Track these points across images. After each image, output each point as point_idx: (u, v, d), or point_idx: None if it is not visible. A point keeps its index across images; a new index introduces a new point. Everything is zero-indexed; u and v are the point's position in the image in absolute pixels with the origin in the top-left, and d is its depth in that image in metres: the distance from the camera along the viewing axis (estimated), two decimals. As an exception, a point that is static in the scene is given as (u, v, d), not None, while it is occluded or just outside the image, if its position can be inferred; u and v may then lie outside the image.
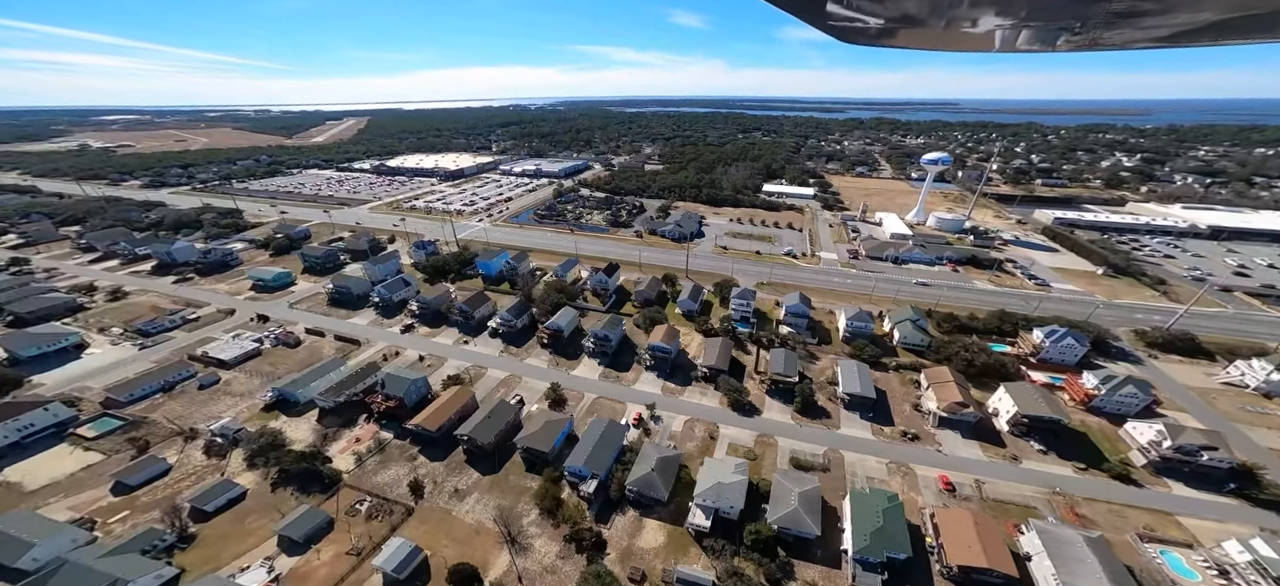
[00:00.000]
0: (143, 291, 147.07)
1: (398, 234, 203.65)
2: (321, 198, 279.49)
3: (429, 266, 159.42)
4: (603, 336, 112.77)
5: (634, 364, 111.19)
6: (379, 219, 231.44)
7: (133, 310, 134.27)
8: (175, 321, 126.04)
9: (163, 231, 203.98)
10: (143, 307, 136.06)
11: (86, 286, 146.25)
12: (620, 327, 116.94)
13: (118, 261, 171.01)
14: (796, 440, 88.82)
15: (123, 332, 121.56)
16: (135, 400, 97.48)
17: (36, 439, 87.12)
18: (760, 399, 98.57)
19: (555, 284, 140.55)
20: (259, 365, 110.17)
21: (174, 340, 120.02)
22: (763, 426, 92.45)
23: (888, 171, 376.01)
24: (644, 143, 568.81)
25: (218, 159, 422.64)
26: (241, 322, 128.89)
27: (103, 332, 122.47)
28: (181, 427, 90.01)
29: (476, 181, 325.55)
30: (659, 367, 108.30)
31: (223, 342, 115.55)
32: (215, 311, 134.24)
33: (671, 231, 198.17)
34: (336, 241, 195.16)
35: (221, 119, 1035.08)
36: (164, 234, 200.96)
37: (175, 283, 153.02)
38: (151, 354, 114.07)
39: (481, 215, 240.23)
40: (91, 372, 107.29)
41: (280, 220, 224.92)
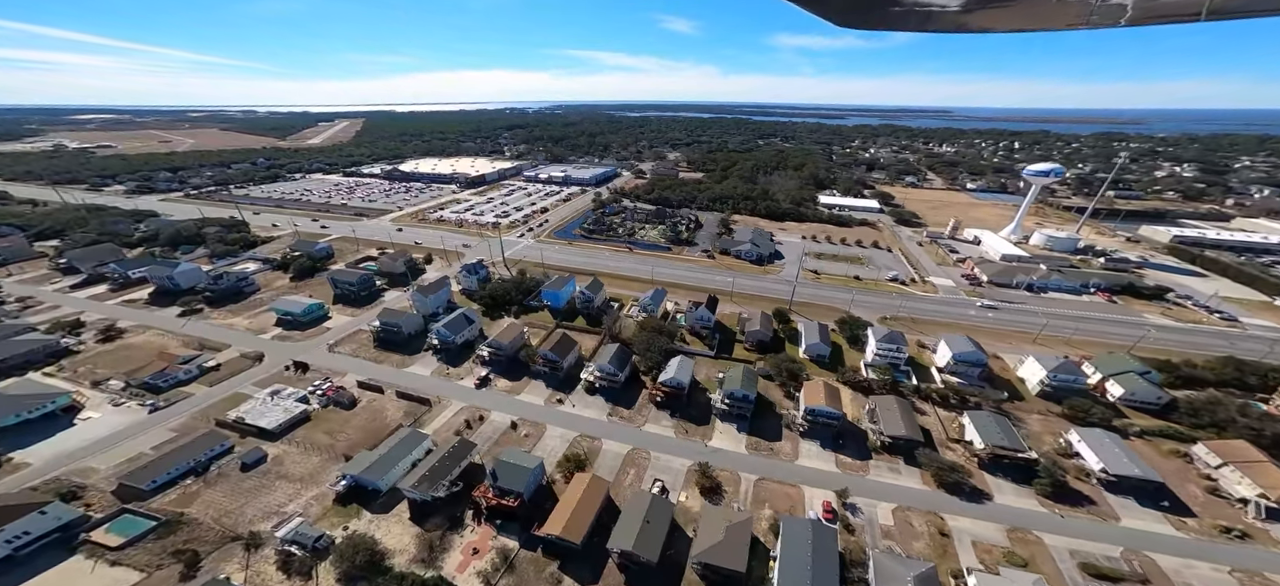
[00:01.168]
0: (142, 328, 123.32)
1: (436, 252, 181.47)
2: (334, 207, 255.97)
3: (487, 296, 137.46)
4: (740, 395, 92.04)
5: (782, 429, 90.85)
6: (407, 232, 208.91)
7: (133, 356, 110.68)
8: (191, 372, 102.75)
9: (158, 248, 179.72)
10: (146, 352, 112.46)
11: (71, 322, 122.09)
12: (754, 382, 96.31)
13: (107, 287, 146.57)
14: (1064, 536, 69.21)
15: (125, 389, 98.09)
16: (160, 487, 74.43)
17: (35, 548, 64.62)
18: (975, 476, 78.70)
19: (649, 322, 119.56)
20: (311, 434, 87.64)
21: (192, 398, 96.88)
22: (1001, 515, 72.55)
23: (936, 181, 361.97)
24: (663, 148, 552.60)
25: (210, 161, 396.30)
26: (275, 373, 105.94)
27: (98, 388, 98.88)
28: (235, 530, 67.63)
29: (503, 189, 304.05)
30: (820, 436, 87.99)
31: (259, 403, 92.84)
32: (238, 356, 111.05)
33: (747, 252, 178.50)
34: (366, 261, 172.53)
35: (206, 119, 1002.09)
36: (160, 251, 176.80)
37: (182, 316, 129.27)
38: (167, 418, 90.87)
39: (521, 229, 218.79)
40: (91, 447, 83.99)
41: (296, 234, 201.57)
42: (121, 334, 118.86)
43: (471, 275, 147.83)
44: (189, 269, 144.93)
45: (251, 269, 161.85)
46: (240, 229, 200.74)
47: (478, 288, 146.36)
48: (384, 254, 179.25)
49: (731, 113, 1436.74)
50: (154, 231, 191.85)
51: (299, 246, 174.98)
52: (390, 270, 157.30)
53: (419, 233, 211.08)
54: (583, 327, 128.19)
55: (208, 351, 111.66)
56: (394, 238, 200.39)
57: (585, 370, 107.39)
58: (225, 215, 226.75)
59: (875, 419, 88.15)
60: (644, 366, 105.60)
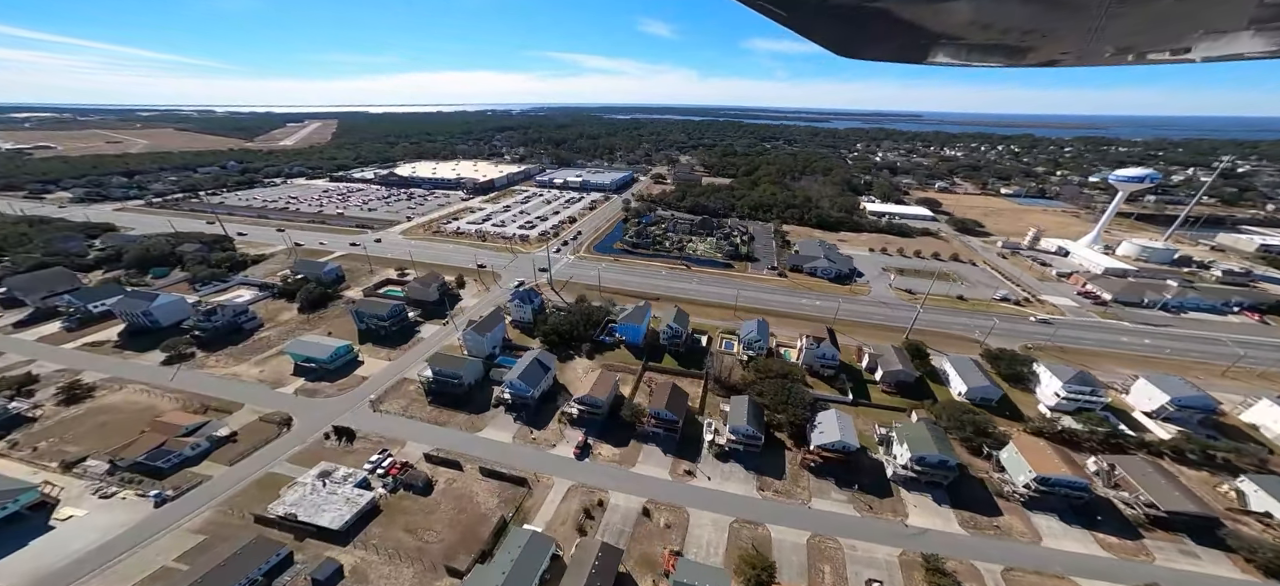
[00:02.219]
0: (116, 382, 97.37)
1: (466, 273, 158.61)
2: (329, 217, 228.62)
3: (551, 332, 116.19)
4: (935, 461, 74.65)
5: (994, 500, 73.96)
6: (421, 248, 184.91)
7: (113, 424, 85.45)
8: (200, 445, 78.60)
9: (123, 271, 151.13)
10: (128, 417, 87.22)
11: (19, 377, 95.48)
12: (947, 441, 78.61)
13: (60, 325, 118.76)
14: None
15: (112, 472, 73.55)
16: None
17: None
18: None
19: (769, 365, 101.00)
20: (389, 531, 65.65)
21: (210, 482, 73.15)
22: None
23: (963, 186, 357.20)
24: (670, 151, 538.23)
25: (171, 164, 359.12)
26: (313, 444, 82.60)
27: (73, 472, 74.05)
28: None
29: (516, 196, 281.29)
30: (1055, 508, 71.11)
31: (308, 490, 70.00)
32: (257, 421, 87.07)
33: (824, 269, 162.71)
34: (386, 285, 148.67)
35: (159, 119, 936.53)
36: (126, 275, 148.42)
37: (167, 364, 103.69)
38: (182, 515, 67.28)
39: (553, 242, 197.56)
40: (84, 561, 60.42)
41: (293, 252, 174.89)
42: (91, 392, 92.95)
43: (525, 304, 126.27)
44: (170, 301, 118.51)
45: (245, 297, 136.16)
46: (224, 246, 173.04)
47: (532, 319, 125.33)
48: (405, 276, 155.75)
49: (712, 115, 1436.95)
50: (115, 250, 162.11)
51: (301, 267, 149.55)
52: (422, 298, 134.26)
53: (436, 248, 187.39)
54: (675, 370, 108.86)
55: (215, 415, 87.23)
56: (415, 255, 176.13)
57: (706, 428, 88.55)
58: (200, 228, 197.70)
59: (1121, 484, 72.19)
60: (784, 422, 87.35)
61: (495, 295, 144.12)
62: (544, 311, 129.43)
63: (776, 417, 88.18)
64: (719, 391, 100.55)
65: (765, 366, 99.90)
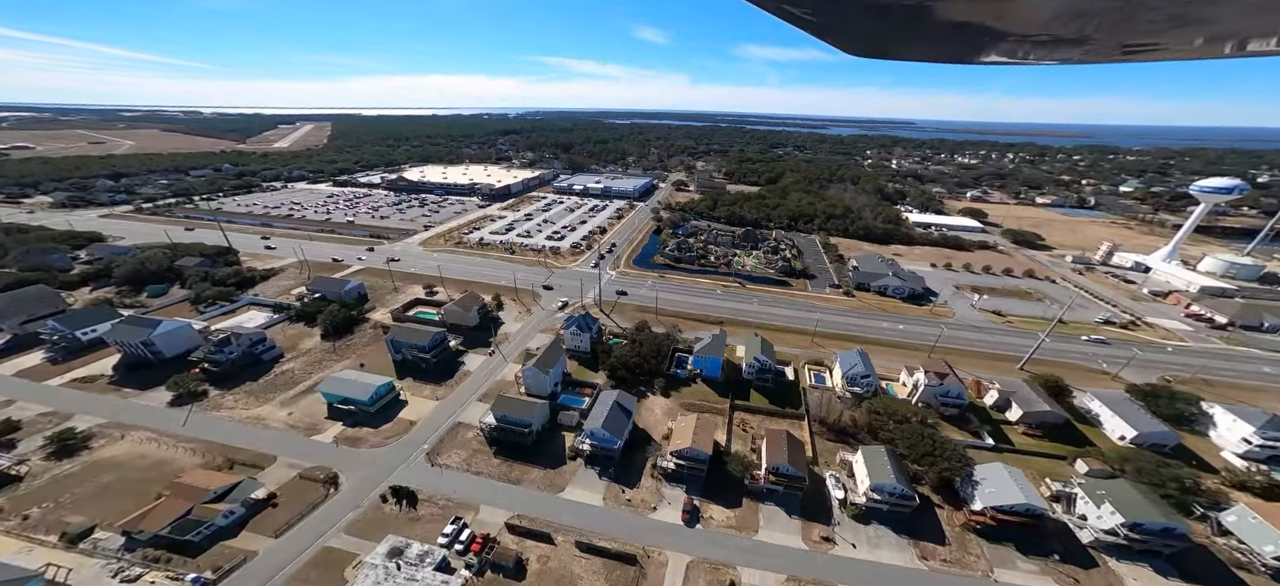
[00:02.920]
0: (116, 428, 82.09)
1: (503, 291, 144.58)
2: (338, 225, 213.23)
3: (619, 366, 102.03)
4: (1160, 528, 61.61)
5: (1229, 575, 61.40)
6: (445, 260, 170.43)
7: (120, 484, 70.29)
8: (235, 513, 63.75)
9: (114, 289, 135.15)
10: (137, 474, 72.06)
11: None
12: (1164, 505, 65.41)
13: (44, 355, 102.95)
14: None
15: (130, 547, 58.72)
16: None
17: None
18: None
19: (893, 405, 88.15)
20: None
21: (255, 560, 58.71)
22: None
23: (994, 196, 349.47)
24: (682, 157, 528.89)
25: (160, 167, 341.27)
26: (370, 508, 67.72)
27: (78, 546, 59.03)
28: None
29: (535, 203, 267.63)
30: None
31: (379, 576, 55.35)
32: (296, 478, 72.12)
33: (895, 287, 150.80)
34: (416, 306, 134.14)
35: (143, 120, 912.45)
36: (118, 294, 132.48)
37: (176, 405, 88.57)
38: None
39: (588, 255, 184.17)
40: None
41: (304, 266, 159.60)
42: (86, 442, 77.63)
43: (582, 332, 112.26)
44: (174, 328, 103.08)
45: (258, 321, 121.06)
46: (229, 259, 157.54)
47: (590, 349, 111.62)
48: (434, 294, 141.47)
49: (706, 120, 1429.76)
50: (104, 264, 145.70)
51: (318, 285, 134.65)
52: (461, 322, 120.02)
53: (462, 262, 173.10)
54: (766, 409, 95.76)
55: (244, 471, 72.28)
56: (442, 270, 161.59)
57: (831, 483, 75.41)
58: (198, 238, 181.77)
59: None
60: (926, 476, 74.50)
61: (539, 318, 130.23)
62: (603, 339, 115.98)
63: (914, 469, 75.55)
64: (828, 436, 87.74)
65: (886, 407, 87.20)
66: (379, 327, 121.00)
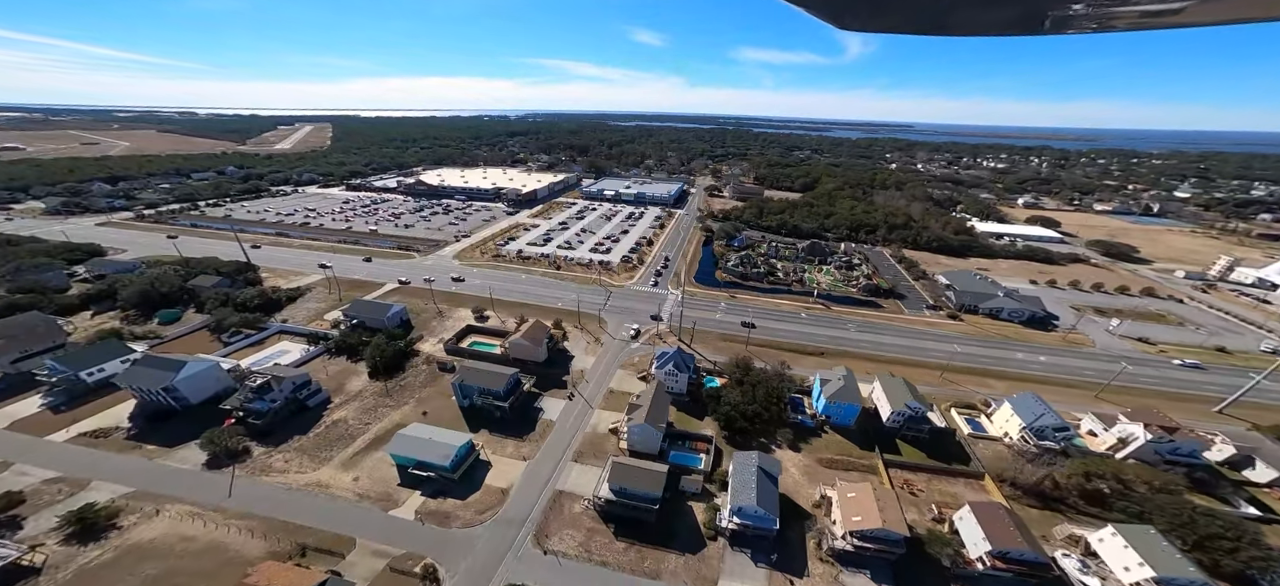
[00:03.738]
0: (146, 502, 65.55)
1: (564, 316, 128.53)
2: (359, 234, 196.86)
3: (733, 413, 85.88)
4: None
5: None
6: (489, 277, 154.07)
7: (167, 575, 54.26)
8: None
9: (120, 313, 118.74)
10: (186, 563, 55.57)
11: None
12: None
13: (42, 402, 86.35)
14: None
15: None
16: None
17: None
18: None
19: (1116, 467, 71.85)
20: None
21: None
22: None
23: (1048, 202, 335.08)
24: (701, 160, 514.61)
25: (160, 169, 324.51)
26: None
27: None
28: None
29: (567, 210, 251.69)
30: None
31: None
32: (385, 571, 56.15)
33: (1013, 311, 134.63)
34: (471, 336, 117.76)
35: (138, 120, 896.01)
36: (125, 318, 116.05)
37: (213, 467, 72.20)
38: None
39: (644, 272, 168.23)
40: None
41: (334, 286, 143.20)
42: (114, 520, 61.30)
43: (679, 371, 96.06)
44: (201, 370, 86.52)
45: (293, 355, 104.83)
46: (249, 276, 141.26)
47: (686, 391, 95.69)
48: (484, 318, 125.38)
49: (704, 123, 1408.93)
50: (107, 283, 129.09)
51: (356, 311, 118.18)
52: (528, 358, 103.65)
53: (503, 278, 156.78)
54: (928, 465, 79.93)
55: (320, 558, 55.97)
56: (484, 288, 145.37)
57: (1064, 564, 59.51)
58: (210, 249, 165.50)
59: None
60: (1228, 567, 58.55)
61: (612, 351, 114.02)
62: (700, 379, 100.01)
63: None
64: (1028, 503, 71.83)
65: (1111, 470, 71.11)
66: (433, 363, 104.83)
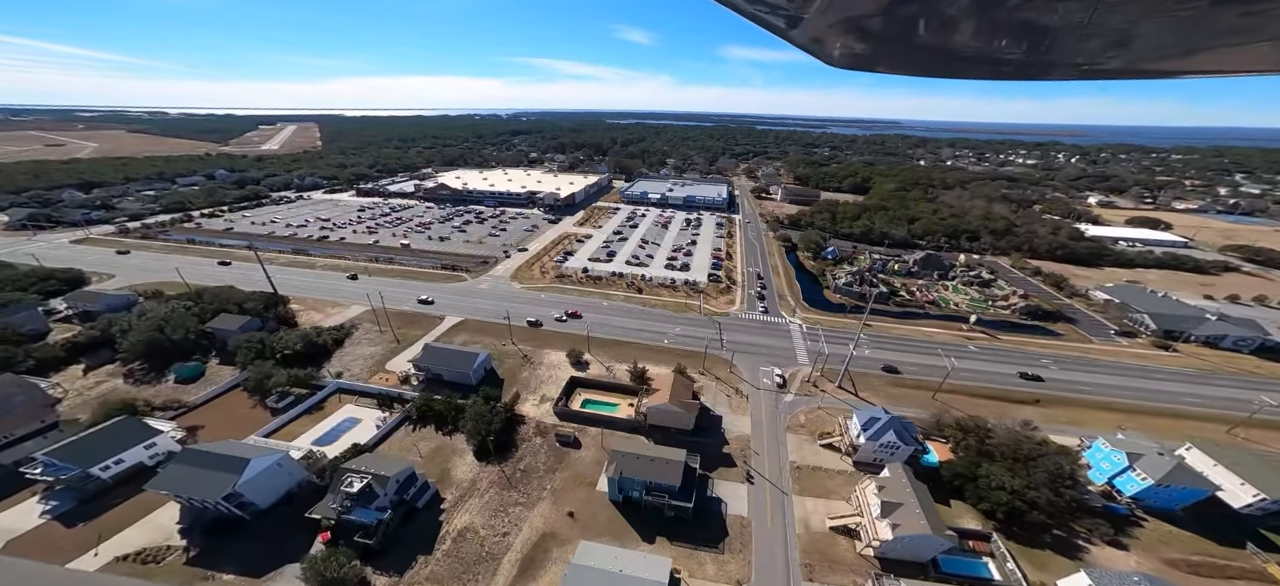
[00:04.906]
0: None
1: (683, 359, 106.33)
2: (391, 249, 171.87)
3: (1017, 504, 64.43)
4: None
5: None
6: (561, 301, 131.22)
7: None
8: None
9: (124, 364, 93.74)
10: None
11: None
12: None
13: (41, 511, 61.80)
14: None
15: None
16: None
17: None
18: None
19: None
20: None
21: None
22: None
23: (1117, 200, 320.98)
24: (726, 160, 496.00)
25: (139, 174, 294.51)
26: None
27: None
28: None
29: (616, 217, 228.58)
30: None
31: None
32: None
33: (1243, 340, 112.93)
34: (577, 391, 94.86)
35: (105, 120, 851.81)
36: (130, 374, 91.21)
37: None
38: None
39: (740, 293, 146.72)
40: None
41: (383, 321, 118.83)
42: None
43: (901, 442, 74.38)
44: (270, 466, 62.12)
45: (367, 426, 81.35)
46: (279, 312, 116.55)
47: (908, 462, 74.46)
48: (582, 364, 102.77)
49: (693, 120, 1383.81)
50: (99, 327, 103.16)
51: (430, 360, 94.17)
52: (673, 425, 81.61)
53: (580, 307, 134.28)
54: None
55: None
56: (577, 324, 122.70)
57: None
58: (209, 272, 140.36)
59: None
60: None
61: (768, 408, 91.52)
62: (921, 452, 78.81)
63: None
64: None
65: None
66: (546, 433, 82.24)
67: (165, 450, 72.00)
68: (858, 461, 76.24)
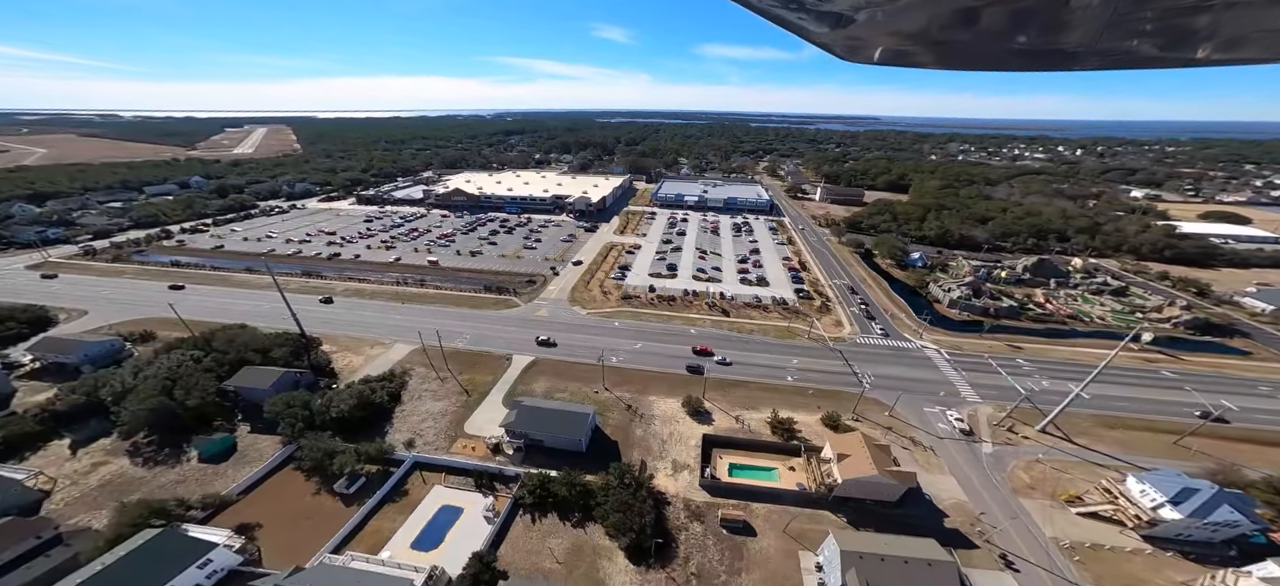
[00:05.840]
0: None
1: (823, 402, 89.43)
2: (418, 267, 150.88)
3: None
4: None
5: None
6: (643, 330, 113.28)
7: None
8: None
9: (128, 442, 72.44)
10: None
11: None
12: None
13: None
14: None
15: None
16: None
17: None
18: None
19: None
20: None
21: None
22: None
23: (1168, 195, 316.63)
24: (738, 158, 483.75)
25: (98, 182, 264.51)
26: None
27: None
28: None
29: (657, 222, 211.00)
30: None
31: None
32: None
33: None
34: (723, 454, 77.03)
35: (49, 123, 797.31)
36: (135, 450, 70.18)
37: None
38: None
39: (845, 313, 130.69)
40: None
41: (436, 362, 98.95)
42: None
43: (1235, 520, 59.01)
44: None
45: (475, 518, 62.14)
46: (309, 356, 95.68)
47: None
48: (700, 416, 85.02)
49: (675, 119, 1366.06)
50: (85, 388, 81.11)
51: (527, 424, 74.91)
52: (875, 498, 64.63)
53: (660, 332, 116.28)
54: None
55: None
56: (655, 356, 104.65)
57: None
58: (219, 306, 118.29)
59: None
60: None
61: (973, 465, 74.97)
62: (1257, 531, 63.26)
63: None
64: None
65: None
66: (698, 518, 64.52)
67: (224, 567, 52.56)
68: (1154, 537, 60.44)
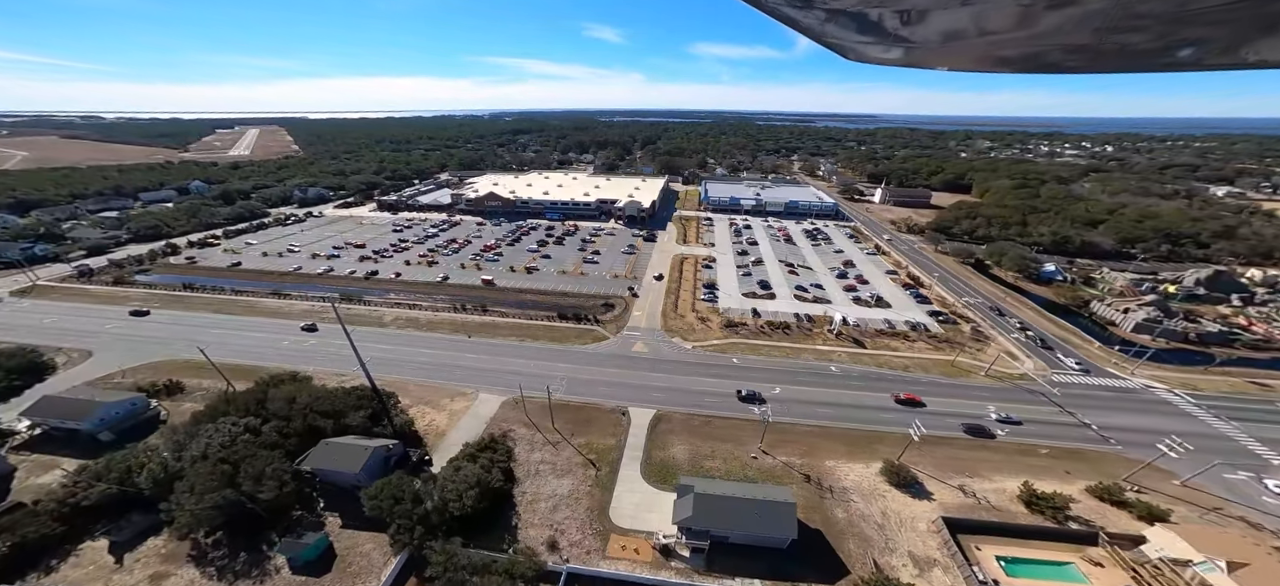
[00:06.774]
0: None
1: (1138, 488, 71.50)
2: (470, 287, 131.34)
3: None
4: None
5: None
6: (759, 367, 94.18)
7: None
8: None
9: (184, 537, 53.16)
10: None
11: None
12: None
13: None
14: None
15: None
16: None
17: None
18: None
19: None
20: None
21: None
22: None
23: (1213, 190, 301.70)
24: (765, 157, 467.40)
25: (88, 188, 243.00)
26: None
27: None
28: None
29: (720, 231, 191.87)
30: None
31: None
32: None
33: None
34: (987, 548, 58.54)
35: (28, 125, 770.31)
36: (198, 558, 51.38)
37: None
38: None
39: (1008, 343, 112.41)
40: None
41: (534, 418, 79.69)
42: None
43: None
44: None
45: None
46: (390, 421, 76.04)
47: None
48: (912, 488, 66.67)
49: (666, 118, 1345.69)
50: (116, 472, 62.39)
51: (704, 519, 56.34)
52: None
53: (793, 372, 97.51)
54: None
55: None
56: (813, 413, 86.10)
57: None
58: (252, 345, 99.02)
59: None
60: None
61: None
62: None
63: None
64: None
65: None
66: None
67: None
68: None
